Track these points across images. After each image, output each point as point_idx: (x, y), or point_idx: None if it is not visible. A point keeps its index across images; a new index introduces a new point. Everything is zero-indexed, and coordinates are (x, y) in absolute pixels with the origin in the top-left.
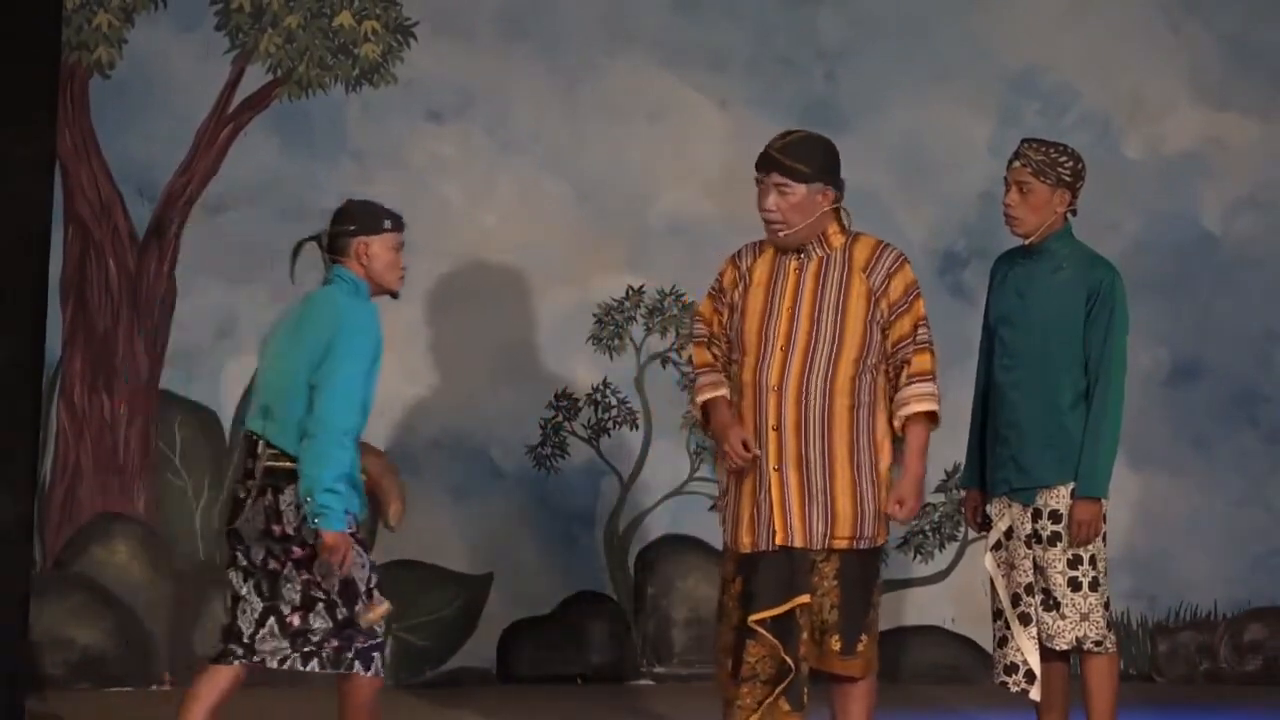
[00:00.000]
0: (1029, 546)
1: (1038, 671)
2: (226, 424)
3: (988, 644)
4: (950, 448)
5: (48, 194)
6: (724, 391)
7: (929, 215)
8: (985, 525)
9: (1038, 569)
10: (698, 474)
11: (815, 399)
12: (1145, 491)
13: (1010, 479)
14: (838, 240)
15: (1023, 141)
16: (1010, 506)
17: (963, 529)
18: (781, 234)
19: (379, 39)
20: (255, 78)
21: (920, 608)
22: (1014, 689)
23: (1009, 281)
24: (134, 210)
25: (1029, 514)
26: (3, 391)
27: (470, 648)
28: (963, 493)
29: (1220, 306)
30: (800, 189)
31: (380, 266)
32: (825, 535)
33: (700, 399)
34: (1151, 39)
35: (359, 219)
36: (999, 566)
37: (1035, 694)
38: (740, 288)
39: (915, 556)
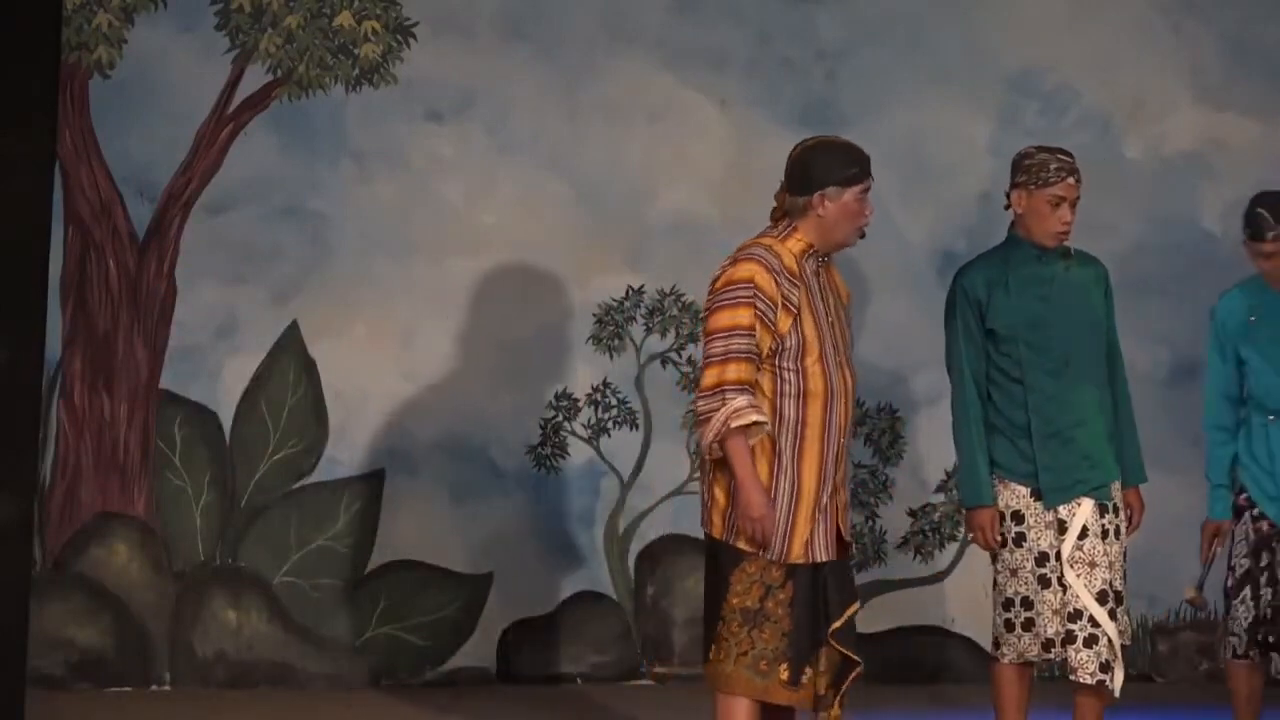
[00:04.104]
0: (1104, 541)
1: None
2: (226, 424)
3: (987, 644)
4: (951, 448)
5: (48, 194)
6: (769, 424)
7: (929, 215)
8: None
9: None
10: (697, 474)
11: (854, 408)
12: (1145, 491)
13: (1088, 478)
14: None
15: (1070, 156)
16: (1080, 504)
17: (962, 529)
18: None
19: (379, 39)
20: (255, 78)
21: (920, 608)
22: (1091, 680)
23: (1017, 287)
24: (134, 210)
25: (1097, 510)
26: (3, 391)
27: (470, 648)
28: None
29: None
30: None
31: None
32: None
33: (750, 419)
34: (1151, 39)
35: None
36: (1074, 566)
37: (1117, 689)
38: (787, 290)
39: (915, 556)
